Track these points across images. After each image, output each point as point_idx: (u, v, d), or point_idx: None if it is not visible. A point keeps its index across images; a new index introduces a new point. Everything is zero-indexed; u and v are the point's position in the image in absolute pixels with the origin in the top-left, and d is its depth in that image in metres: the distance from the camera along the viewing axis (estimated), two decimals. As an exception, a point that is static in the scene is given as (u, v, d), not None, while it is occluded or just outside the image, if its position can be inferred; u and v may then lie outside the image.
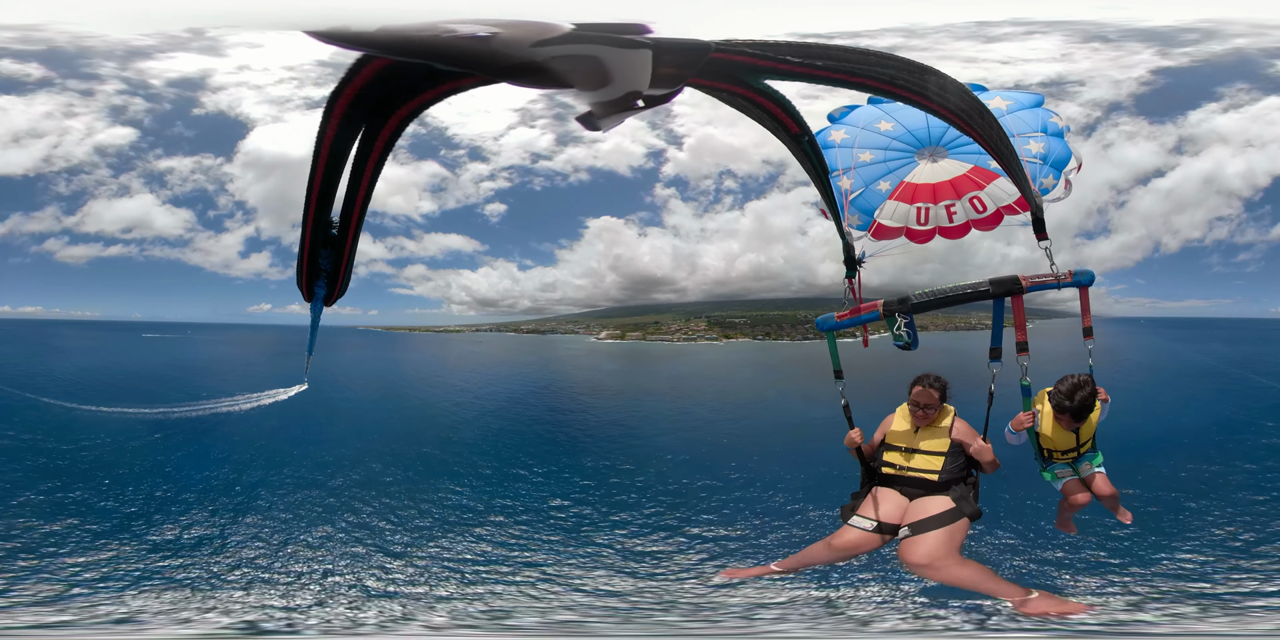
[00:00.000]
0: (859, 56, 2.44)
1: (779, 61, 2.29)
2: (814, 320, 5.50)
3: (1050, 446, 5.78)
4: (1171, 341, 40.44)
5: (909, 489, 5.36)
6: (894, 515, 5.27)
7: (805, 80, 2.43)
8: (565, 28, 1.55)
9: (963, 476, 5.34)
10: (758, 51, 2.24)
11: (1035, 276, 4.92)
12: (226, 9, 37.34)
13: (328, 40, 1.50)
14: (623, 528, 10.06)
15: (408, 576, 8.41)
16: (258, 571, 8.58)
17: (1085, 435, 5.72)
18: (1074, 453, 5.80)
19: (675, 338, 56.96)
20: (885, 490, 5.42)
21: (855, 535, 5.24)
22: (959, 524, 5.05)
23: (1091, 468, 5.87)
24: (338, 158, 2.22)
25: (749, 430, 16.99)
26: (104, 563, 8.56)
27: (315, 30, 1.48)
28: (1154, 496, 10.51)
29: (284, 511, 10.75)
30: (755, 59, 2.26)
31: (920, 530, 5.04)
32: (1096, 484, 5.79)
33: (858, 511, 5.37)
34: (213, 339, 53.21)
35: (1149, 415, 15.88)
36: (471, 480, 12.56)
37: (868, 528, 5.23)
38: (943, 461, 5.32)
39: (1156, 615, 6.72)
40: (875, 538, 5.21)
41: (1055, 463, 5.89)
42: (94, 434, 14.97)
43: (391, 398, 23.67)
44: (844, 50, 2.40)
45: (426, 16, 1.54)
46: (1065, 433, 5.66)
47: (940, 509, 5.12)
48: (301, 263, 2.62)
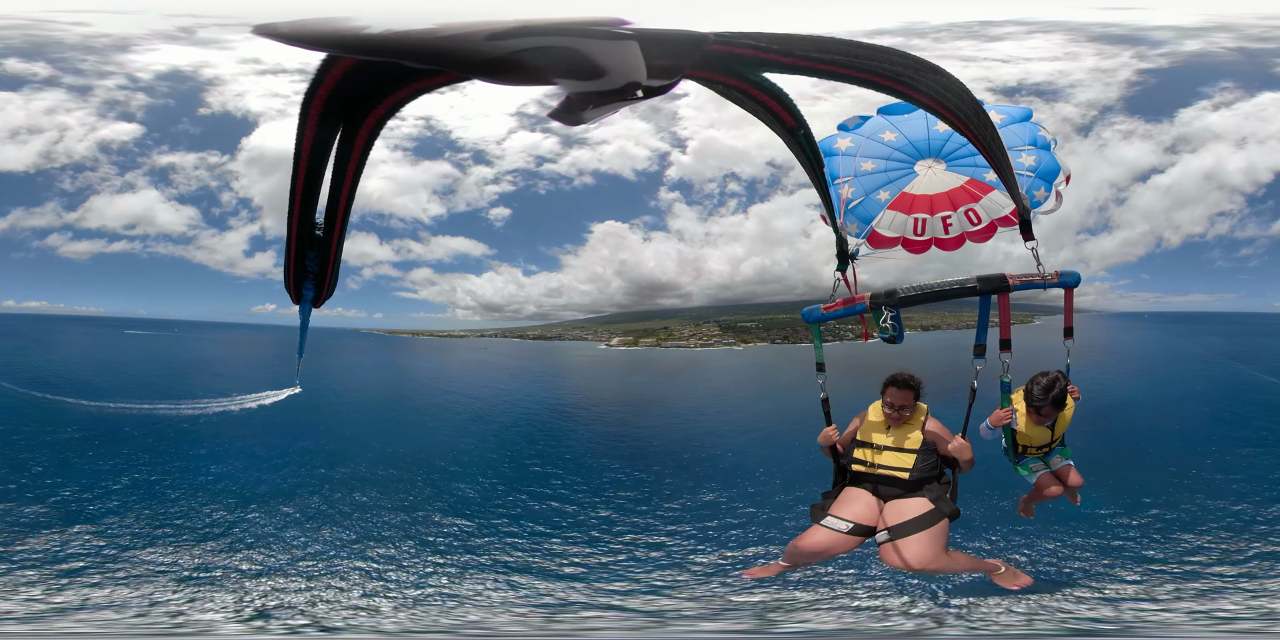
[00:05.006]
0: (861, 51, 2.36)
1: (777, 54, 2.24)
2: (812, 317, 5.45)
3: (1025, 442, 5.97)
4: (1173, 336, 40.71)
5: (880, 488, 5.27)
6: (867, 516, 5.13)
7: (804, 73, 2.35)
8: (510, 22, 1.52)
9: (935, 475, 5.27)
10: (757, 44, 2.19)
11: (1023, 276, 4.98)
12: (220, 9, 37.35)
13: (285, 41, 1.46)
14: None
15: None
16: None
17: (1059, 431, 5.94)
18: (1046, 447, 6.04)
19: (690, 344, 56.54)
20: (856, 490, 5.31)
21: (826, 536, 5.09)
22: (940, 526, 4.99)
23: (1063, 460, 6.19)
24: (318, 159, 2.22)
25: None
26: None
27: (259, 28, 1.45)
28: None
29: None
30: (754, 51, 2.21)
31: (900, 534, 4.93)
32: (1070, 477, 6.13)
33: (830, 511, 5.22)
34: (202, 338, 52.77)
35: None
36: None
37: (842, 529, 5.08)
38: (914, 459, 5.25)
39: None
40: (849, 540, 5.06)
41: (1028, 457, 6.11)
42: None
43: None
44: (846, 44, 2.32)
45: (406, 16, 1.52)
46: (1040, 428, 5.85)
47: (919, 511, 5.04)
48: (288, 265, 2.63)
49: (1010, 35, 38.79)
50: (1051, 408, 5.55)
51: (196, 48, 43.57)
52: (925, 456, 5.28)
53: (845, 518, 5.14)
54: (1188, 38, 40.27)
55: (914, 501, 5.14)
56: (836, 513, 5.21)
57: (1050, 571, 8.94)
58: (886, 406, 5.36)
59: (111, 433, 15.81)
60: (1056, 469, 6.17)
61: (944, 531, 5.03)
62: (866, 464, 5.35)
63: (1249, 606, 7.77)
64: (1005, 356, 5.15)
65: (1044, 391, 5.52)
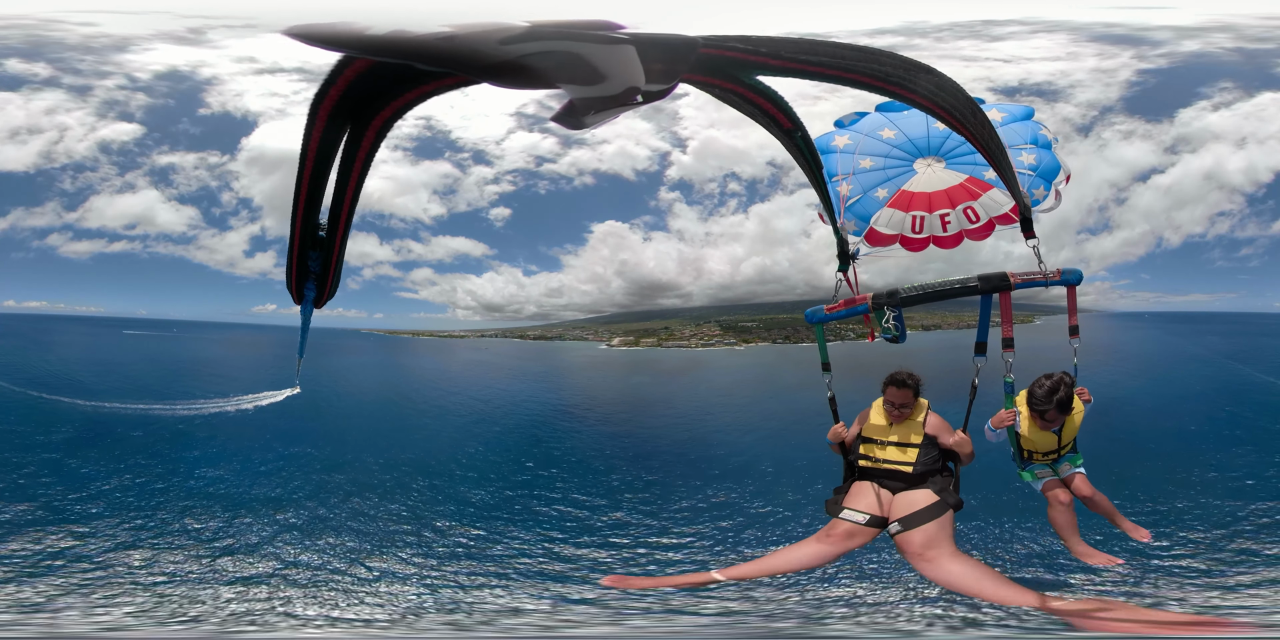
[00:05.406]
0: (852, 53, 2.37)
1: (769, 57, 2.25)
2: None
3: (1030, 448, 5.71)
4: (1173, 336, 40.72)
5: (886, 482, 5.44)
6: (877, 508, 5.31)
7: (796, 76, 2.37)
8: (522, 26, 1.54)
9: (938, 469, 5.44)
10: (747, 47, 2.20)
11: (1024, 274, 4.96)
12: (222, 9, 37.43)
13: (307, 41, 1.50)
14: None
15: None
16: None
17: (1067, 436, 5.66)
18: (1054, 454, 5.72)
19: (692, 344, 56.39)
20: (865, 484, 5.50)
21: (848, 527, 5.25)
22: (945, 516, 5.15)
23: (1071, 468, 5.79)
24: (324, 159, 2.23)
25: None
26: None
27: (294, 31, 1.49)
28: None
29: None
30: (744, 54, 2.23)
31: (911, 525, 5.10)
32: (1076, 484, 5.69)
33: (845, 505, 5.40)
34: (202, 338, 52.69)
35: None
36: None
37: (860, 520, 5.24)
38: (916, 453, 5.41)
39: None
40: (867, 530, 5.24)
41: (1034, 463, 5.81)
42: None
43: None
44: (837, 46, 2.35)
45: (412, 18, 1.55)
46: (1045, 434, 5.62)
47: (926, 502, 5.20)
48: (291, 265, 2.64)
49: (1012, 35, 38.82)
50: (1056, 412, 5.37)
51: (191, 47, 43.60)
52: (927, 451, 5.44)
53: (860, 509, 5.33)
54: (1187, 38, 40.36)
55: (920, 493, 5.30)
56: (850, 505, 5.39)
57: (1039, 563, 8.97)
58: (887, 404, 5.51)
59: (105, 433, 15.79)
60: (1064, 477, 5.76)
61: (950, 521, 5.18)
62: (872, 459, 5.53)
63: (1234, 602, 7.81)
64: (1008, 356, 5.13)
65: (1047, 395, 5.34)
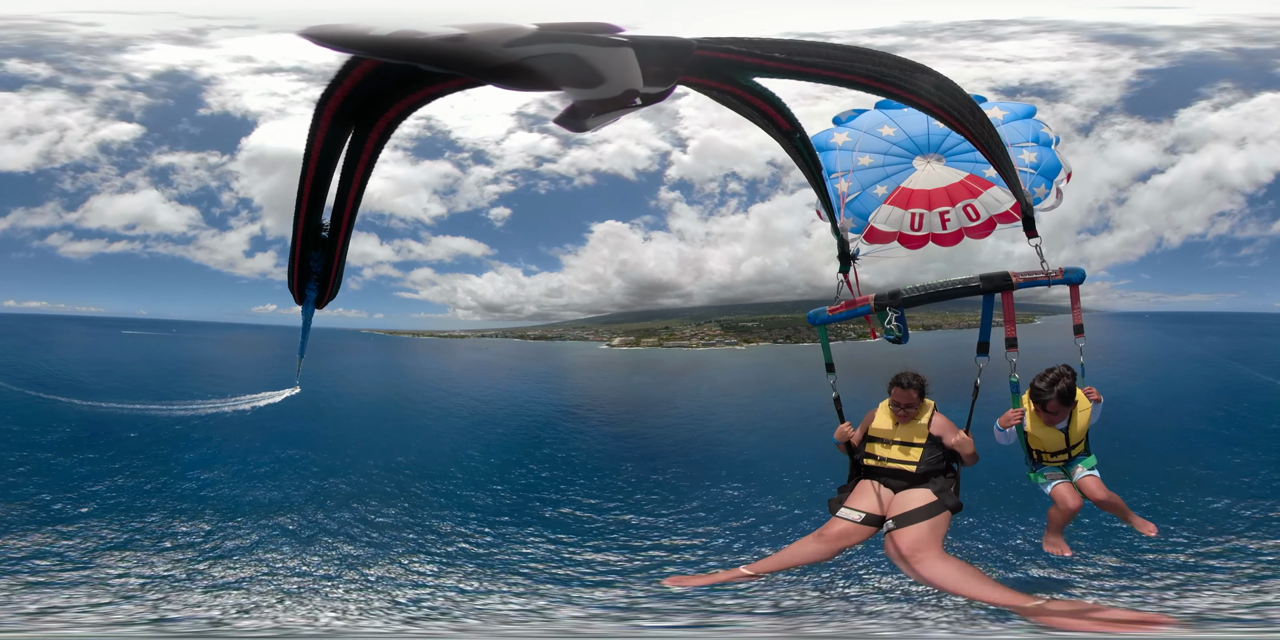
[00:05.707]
0: (848, 54, 2.38)
1: (764, 58, 2.24)
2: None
3: (1039, 447, 5.64)
4: (1173, 336, 40.76)
5: (890, 481, 5.51)
6: (878, 507, 5.39)
7: (793, 77, 2.37)
8: (530, 28, 1.56)
9: (941, 469, 5.49)
10: (742, 48, 2.20)
11: (1026, 273, 4.99)
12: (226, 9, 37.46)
13: (318, 42, 1.52)
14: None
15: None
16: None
17: (1075, 436, 5.54)
18: (1064, 455, 5.62)
19: (693, 344, 56.33)
20: (869, 483, 5.57)
21: (843, 526, 5.35)
22: (940, 517, 5.18)
23: (1084, 471, 5.61)
24: (328, 160, 2.24)
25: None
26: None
27: (307, 32, 1.51)
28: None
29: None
30: (740, 56, 2.22)
31: (904, 523, 5.14)
32: (1089, 487, 5.53)
33: (845, 504, 5.49)
34: (202, 338, 52.69)
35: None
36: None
37: (855, 519, 5.35)
38: (920, 453, 5.47)
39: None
40: (863, 529, 5.32)
41: (1045, 465, 5.71)
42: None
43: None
44: (833, 48, 2.35)
45: (412, 19, 1.56)
46: (1053, 432, 5.53)
47: (922, 502, 5.25)
48: (293, 265, 2.64)
49: (1014, 35, 38.82)
50: (1059, 403, 5.33)
51: (190, 47, 43.60)
52: (931, 451, 5.50)
53: (858, 508, 5.40)
54: (1187, 38, 40.38)
55: (918, 492, 5.36)
56: (850, 504, 5.47)
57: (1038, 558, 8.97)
58: (893, 405, 5.60)
59: (101, 434, 15.76)
60: (1076, 480, 5.61)
61: (944, 523, 5.20)
62: (877, 458, 5.61)
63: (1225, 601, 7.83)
64: (1012, 355, 5.15)
65: (1048, 385, 5.32)
